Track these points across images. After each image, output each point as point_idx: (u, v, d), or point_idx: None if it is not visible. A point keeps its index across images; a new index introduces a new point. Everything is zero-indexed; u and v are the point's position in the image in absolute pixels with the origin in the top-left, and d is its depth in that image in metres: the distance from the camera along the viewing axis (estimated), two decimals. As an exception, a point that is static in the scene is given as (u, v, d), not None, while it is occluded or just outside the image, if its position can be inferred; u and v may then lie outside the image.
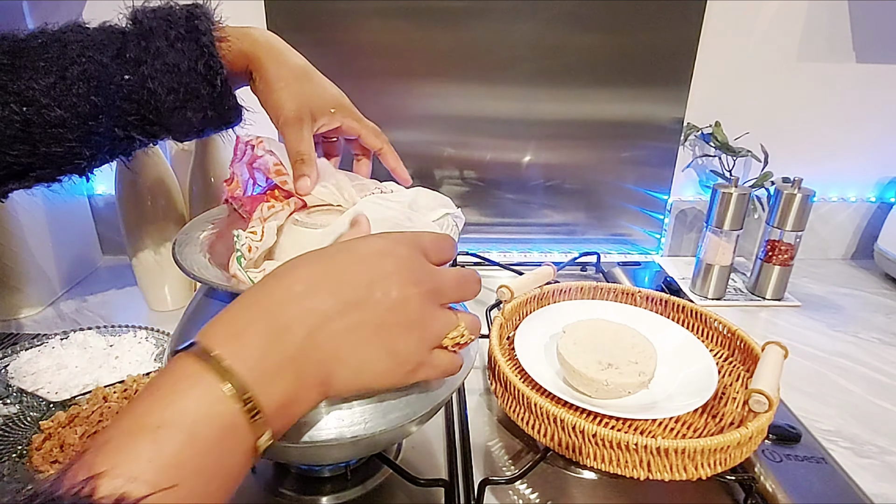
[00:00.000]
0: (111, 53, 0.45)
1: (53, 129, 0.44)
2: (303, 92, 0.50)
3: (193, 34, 0.45)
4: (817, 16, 0.89)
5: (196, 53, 0.45)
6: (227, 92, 0.49)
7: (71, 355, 0.67)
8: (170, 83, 0.45)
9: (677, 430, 0.52)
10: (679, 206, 1.00)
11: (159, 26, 0.45)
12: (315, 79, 0.52)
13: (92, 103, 0.44)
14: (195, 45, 0.45)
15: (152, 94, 0.45)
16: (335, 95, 0.53)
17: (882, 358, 0.74)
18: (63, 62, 0.44)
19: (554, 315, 0.67)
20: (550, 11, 0.86)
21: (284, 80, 0.49)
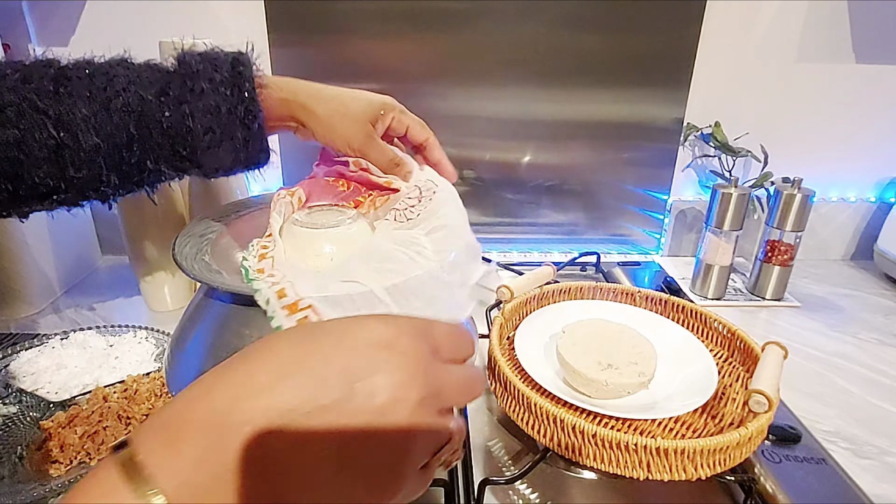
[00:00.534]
0: (155, 91, 0.46)
1: (86, 155, 0.44)
2: (355, 113, 0.52)
3: (237, 80, 0.47)
4: (817, 16, 0.89)
5: (237, 98, 0.47)
6: (261, 136, 0.50)
7: (71, 355, 0.67)
8: (208, 123, 0.46)
9: (677, 430, 0.52)
10: (679, 207, 1.00)
11: (205, 69, 0.47)
12: (356, 95, 0.53)
13: (129, 134, 0.45)
14: (238, 90, 0.47)
15: (189, 132, 0.46)
16: (378, 98, 0.54)
17: (882, 358, 0.74)
18: (108, 94, 0.45)
19: (554, 315, 0.66)
20: (550, 12, 0.86)
21: (336, 112, 0.51)
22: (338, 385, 0.24)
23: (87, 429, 0.55)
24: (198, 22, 0.85)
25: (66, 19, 0.85)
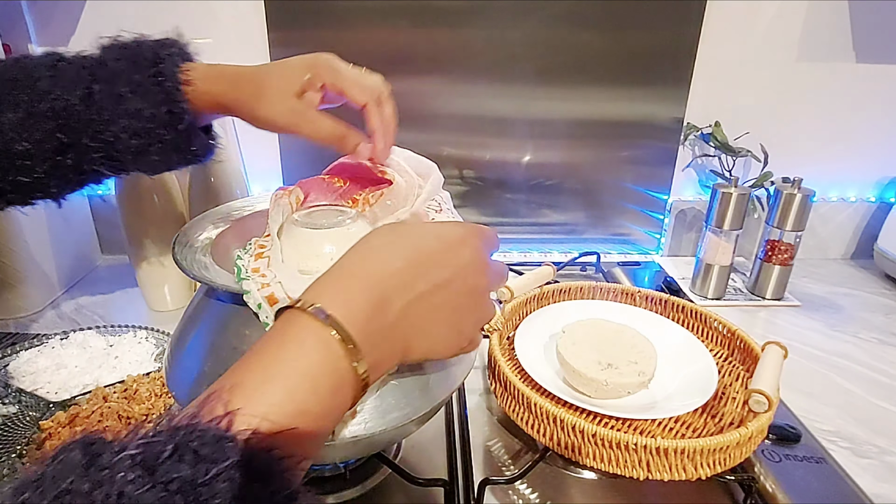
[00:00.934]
0: (79, 94, 0.45)
1: (20, 161, 0.45)
2: (272, 90, 0.48)
3: (158, 80, 0.46)
4: (817, 16, 0.89)
5: (160, 98, 0.46)
6: (191, 134, 0.49)
7: (71, 355, 0.67)
8: (133, 128, 0.46)
9: (677, 430, 0.52)
10: (679, 206, 1.00)
11: (125, 70, 0.46)
12: (274, 68, 0.50)
13: (58, 140, 0.45)
14: (159, 91, 0.46)
15: (117, 138, 0.46)
16: (303, 62, 0.50)
17: (882, 358, 0.74)
18: (32, 98, 0.44)
19: (554, 315, 0.66)
20: (550, 11, 0.85)
21: (253, 94, 0.49)
22: (445, 271, 0.34)
23: (87, 428, 0.55)
24: (198, 22, 0.85)
25: (66, 19, 0.85)
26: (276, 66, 0.50)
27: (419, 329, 0.33)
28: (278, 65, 0.50)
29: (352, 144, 0.49)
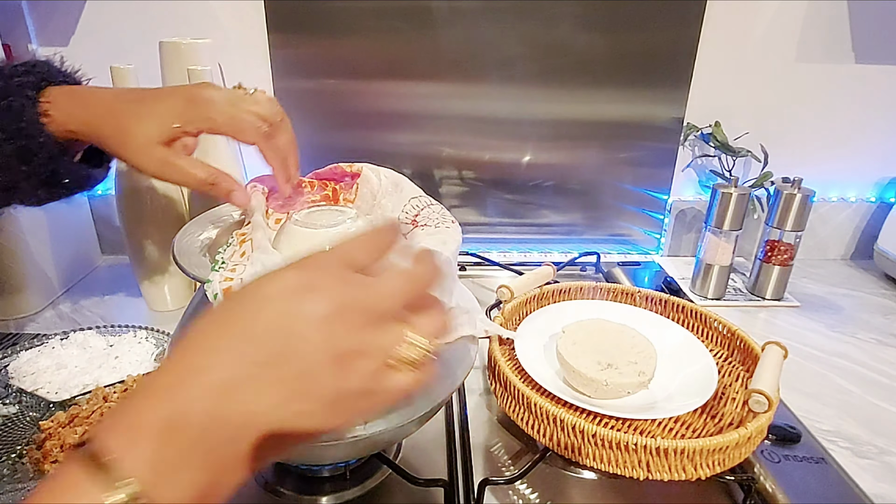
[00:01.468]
0: None
1: None
2: (139, 139, 0.45)
3: (9, 113, 0.44)
4: (816, 16, 0.89)
5: (13, 134, 0.44)
6: (59, 168, 0.46)
7: (71, 355, 0.67)
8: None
9: (677, 430, 0.52)
10: (679, 206, 1.00)
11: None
12: (143, 109, 0.46)
13: None
14: (11, 124, 0.44)
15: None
16: (172, 111, 0.46)
17: (881, 358, 0.74)
18: None
19: (554, 315, 0.67)
20: (550, 11, 0.86)
21: (121, 140, 0.46)
22: (271, 340, 0.26)
23: (87, 429, 0.55)
24: (198, 22, 0.85)
25: (66, 19, 0.85)
26: (144, 106, 0.47)
27: (254, 425, 0.25)
28: (146, 106, 0.47)
29: (224, 191, 0.47)
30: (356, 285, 0.28)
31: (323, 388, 0.26)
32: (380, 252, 0.30)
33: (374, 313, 0.28)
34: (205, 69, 0.69)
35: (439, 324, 0.30)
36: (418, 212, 0.49)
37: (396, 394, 0.29)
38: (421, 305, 0.30)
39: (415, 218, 0.48)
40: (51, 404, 0.60)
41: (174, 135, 0.46)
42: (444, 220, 0.48)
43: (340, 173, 0.55)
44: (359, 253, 0.29)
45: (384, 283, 0.29)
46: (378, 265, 0.30)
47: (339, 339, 0.26)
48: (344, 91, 0.89)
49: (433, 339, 0.29)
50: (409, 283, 0.29)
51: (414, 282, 0.29)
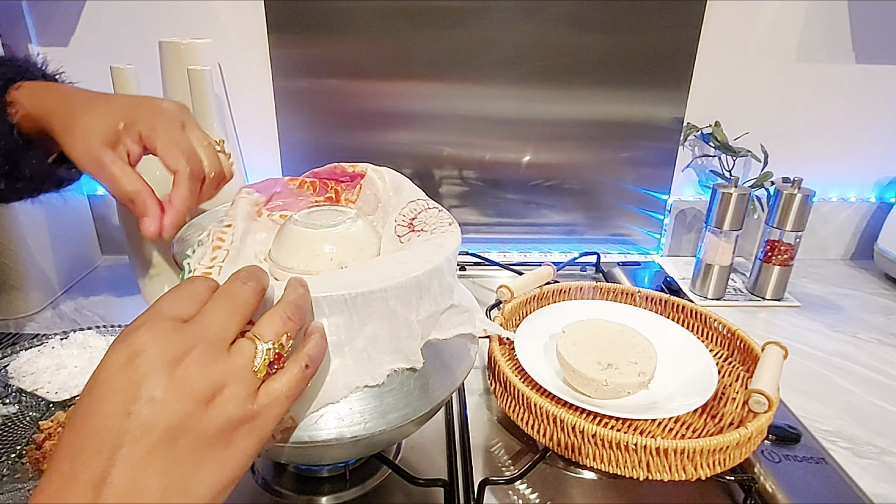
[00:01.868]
0: None
1: None
2: (85, 132, 0.44)
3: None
4: (816, 16, 0.89)
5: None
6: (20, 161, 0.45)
7: (71, 355, 0.66)
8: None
9: (677, 430, 0.52)
10: (679, 206, 1.00)
11: None
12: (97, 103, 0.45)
13: None
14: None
15: None
16: (122, 108, 0.45)
17: (881, 358, 0.74)
18: None
19: (554, 315, 0.66)
20: (550, 11, 0.86)
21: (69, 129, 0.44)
22: (114, 421, 0.25)
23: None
24: (198, 22, 0.85)
25: (66, 19, 0.85)
26: (99, 102, 0.46)
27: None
28: (102, 101, 0.46)
29: (138, 211, 0.45)
30: (184, 328, 0.28)
31: (203, 434, 0.26)
32: (197, 301, 0.30)
33: (215, 343, 0.28)
34: (205, 69, 0.69)
35: (279, 315, 0.31)
36: (415, 215, 0.49)
37: (285, 400, 0.30)
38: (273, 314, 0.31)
39: (411, 221, 0.48)
40: (51, 404, 0.60)
41: (117, 136, 0.45)
42: (442, 223, 0.48)
43: (341, 173, 0.55)
44: (176, 305, 0.29)
45: (208, 313, 0.29)
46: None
47: (193, 383, 0.27)
48: (344, 91, 0.89)
49: (285, 334, 0.30)
50: (231, 302, 0.30)
51: (234, 298, 0.30)
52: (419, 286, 0.40)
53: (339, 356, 0.38)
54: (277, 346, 0.30)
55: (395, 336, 0.40)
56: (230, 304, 0.30)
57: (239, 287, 0.31)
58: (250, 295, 0.31)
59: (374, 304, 0.38)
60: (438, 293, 0.42)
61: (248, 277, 0.31)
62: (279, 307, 0.31)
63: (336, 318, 0.37)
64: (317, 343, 0.33)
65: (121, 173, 0.44)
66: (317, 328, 0.34)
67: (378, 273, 0.39)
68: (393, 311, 0.39)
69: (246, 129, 0.91)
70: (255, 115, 0.90)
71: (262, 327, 0.30)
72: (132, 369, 0.26)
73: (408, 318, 0.40)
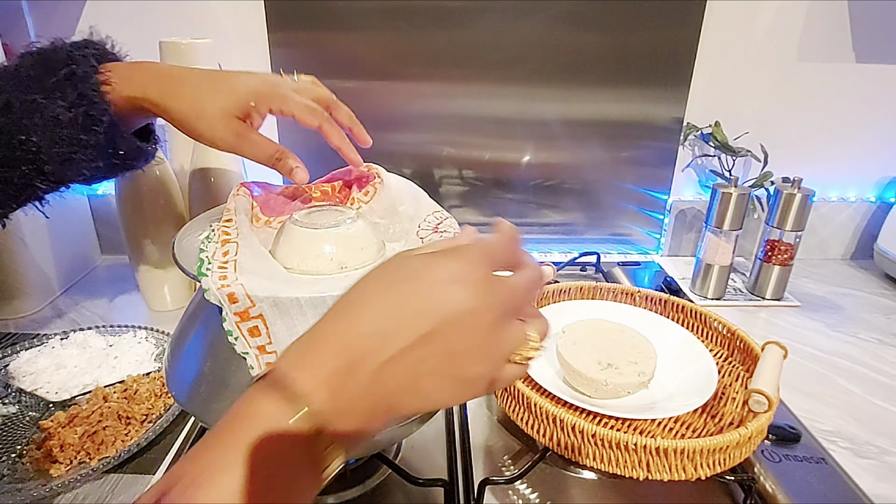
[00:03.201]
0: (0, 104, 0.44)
1: None
2: (215, 111, 0.47)
3: (71, 80, 0.44)
4: (817, 16, 0.89)
5: (74, 101, 0.44)
6: (118, 139, 0.47)
7: (70, 355, 0.67)
8: (51, 136, 0.44)
9: (677, 430, 0.52)
10: (679, 206, 1.00)
11: (39, 76, 0.44)
12: (217, 87, 0.48)
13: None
14: (73, 91, 0.44)
15: (39, 149, 0.44)
16: (249, 87, 0.49)
17: (882, 358, 0.74)
18: None
19: (554, 315, 0.66)
20: (550, 11, 0.85)
21: (192, 111, 0.47)
22: (430, 320, 0.29)
23: (87, 429, 0.55)
24: (198, 22, 0.85)
25: (66, 19, 0.85)
26: (219, 81, 0.49)
27: (406, 388, 0.30)
28: (222, 81, 0.49)
29: (288, 167, 0.49)
30: (497, 282, 0.31)
31: (463, 370, 0.30)
32: (514, 255, 0.34)
33: (510, 309, 0.32)
34: (205, 69, 0.69)
35: (546, 324, 0.34)
36: (441, 221, 0.50)
37: (508, 382, 0.33)
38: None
39: (437, 226, 0.49)
40: (50, 404, 0.60)
41: (249, 111, 0.48)
42: (457, 230, 0.49)
43: (349, 170, 0.55)
44: (500, 253, 0.33)
45: (517, 281, 0.33)
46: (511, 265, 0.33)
47: (481, 331, 0.30)
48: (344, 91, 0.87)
49: (543, 339, 0.33)
50: (535, 281, 0.34)
51: (538, 280, 0.34)
52: None
53: None
54: (538, 350, 0.33)
55: None
56: (533, 283, 0.33)
57: (539, 277, 0.34)
58: (542, 285, 0.35)
59: None
60: None
61: (543, 273, 0.35)
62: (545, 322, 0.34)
63: None
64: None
65: (262, 140, 0.49)
66: None
67: None
68: None
69: (246, 129, 0.90)
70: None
71: (539, 325, 0.33)
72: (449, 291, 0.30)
73: None
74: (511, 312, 0.32)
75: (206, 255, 0.41)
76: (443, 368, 0.30)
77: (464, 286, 0.30)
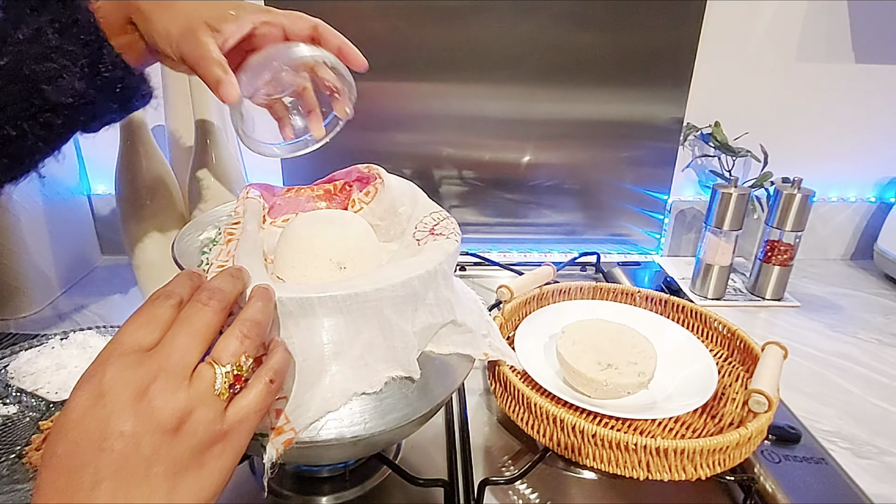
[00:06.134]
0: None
1: None
2: (186, 7, 0.44)
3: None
4: (816, 16, 0.89)
5: (59, 12, 0.42)
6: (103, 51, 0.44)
7: (70, 355, 0.66)
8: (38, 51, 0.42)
9: (677, 430, 0.52)
10: (679, 206, 1.00)
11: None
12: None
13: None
14: (60, 4, 0.42)
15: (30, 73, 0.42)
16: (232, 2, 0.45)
17: (881, 358, 0.74)
18: None
19: (554, 315, 0.66)
20: (550, 11, 0.85)
21: (164, 5, 0.44)
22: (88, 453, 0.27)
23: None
24: (197, 22, 0.85)
25: (65, 19, 0.84)
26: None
27: None
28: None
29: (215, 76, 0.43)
30: (145, 360, 0.29)
31: (176, 459, 0.28)
32: (158, 326, 0.30)
33: (177, 371, 0.29)
34: (205, 69, 0.69)
35: (235, 336, 0.31)
36: (438, 222, 0.50)
37: (254, 415, 0.31)
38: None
39: (433, 228, 0.49)
40: (50, 404, 0.60)
41: (225, 20, 0.44)
42: (455, 232, 0.48)
43: (349, 171, 0.56)
44: (137, 333, 0.30)
45: (169, 341, 0.30)
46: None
47: (160, 413, 0.27)
48: (344, 91, 0.88)
49: (243, 354, 0.31)
50: (191, 327, 0.30)
51: (195, 322, 0.30)
52: (414, 296, 0.41)
53: (337, 363, 0.39)
54: (236, 368, 0.30)
55: (391, 346, 0.40)
56: (191, 329, 0.30)
57: (199, 310, 0.31)
58: (212, 316, 0.31)
59: (369, 310, 0.38)
60: (435, 305, 0.43)
61: (211, 295, 0.32)
62: (236, 327, 0.32)
63: (330, 320, 0.38)
64: (280, 356, 0.33)
65: (209, 44, 0.43)
66: (279, 342, 0.35)
67: (371, 277, 0.40)
68: (388, 320, 0.39)
69: (246, 129, 0.90)
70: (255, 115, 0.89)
71: (219, 350, 0.31)
72: (100, 408, 0.27)
73: (403, 329, 0.40)
74: (182, 371, 0.29)
75: (208, 256, 0.41)
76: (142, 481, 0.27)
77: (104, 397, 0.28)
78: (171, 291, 0.32)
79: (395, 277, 0.39)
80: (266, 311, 0.34)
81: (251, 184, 0.53)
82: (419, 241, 0.47)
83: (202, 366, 0.30)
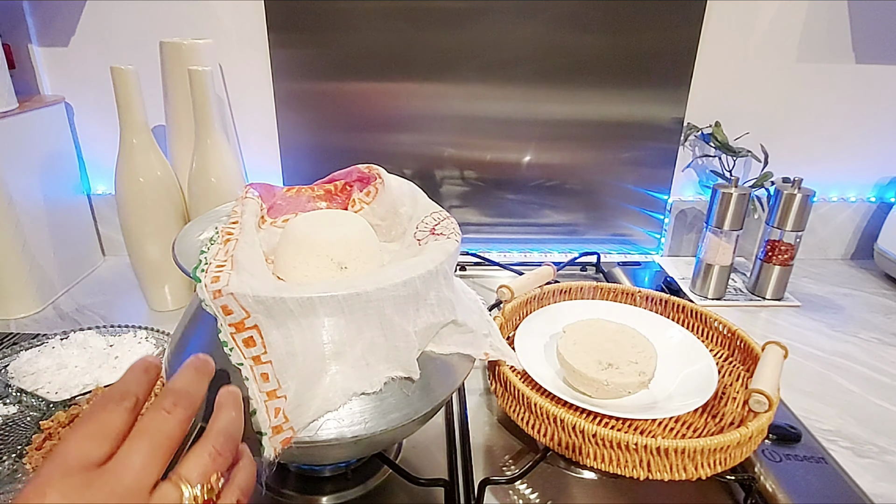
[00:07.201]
0: None
1: None
2: None
3: None
4: (817, 16, 0.89)
5: None
6: None
7: (71, 355, 0.67)
8: None
9: (677, 429, 0.52)
10: (679, 206, 1.00)
11: None
12: None
13: None
14: None
15: None
16: None
17: (882, 358, 0.74)
18: None
19: (554, 315, 0.67)
20: (551, 12, 0.86)
21: None
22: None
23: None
24: (198, 22, 0.85)
25: (66, 19, 0.85)
26: None
27: None
28: None
29: None
30: (94, 481, 0.25)
31: None
32: (110, 437, 0.26)
33: (132, 494, 0.25)
34: (205, 70, 0.69)
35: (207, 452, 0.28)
36: (438, 222, 0.50)
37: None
38: None
39: (434, 227, 0.49)
40: (51, 404, 0.60)
41: None
42: (455, 232, 0.48)
43: (350, 171, 0.56)
44: (85, 445, 0.26)
45: (123, 457, 0.26)
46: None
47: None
48: (344, 91, 0.89)
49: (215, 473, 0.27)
50: (151, 440, 0.26)
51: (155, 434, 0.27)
52: (416, 296, 0.41)
53: (338, 363, 0.39)
54: (207, 491, 0.27)
55: (393, 346, 0.40)
56: (150, 443, 0.26)
57: (162, 419, 0.27)
58: (175, 427, 0.27)
59: (370, 310, 0.38)
60: (436, 305, 0.43)
61: (176, 401, 0.28)
62: (207, 440, 0.28)
63: (331, 320, 0.38)
64: (248, 473, 0.30)
65: None
66: (243, 450, 0.31)
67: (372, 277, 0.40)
68: (389, 319, 0.39)
69: (246, 129, 0.91)
70: (256, 116, 0.90)
71: (188, 467, 0.27)
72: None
73: (405, 329, 0.40)
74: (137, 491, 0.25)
75: (206, 255, 0.41)
76: None
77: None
78: (125, 391, 0.28)
79: (397, 277, 0.39)
80: (238, 422, 0.30)
81: (251, 183, 0.53)
82: (420, 241, 0.47)
83: (165, 484, 0.26)
